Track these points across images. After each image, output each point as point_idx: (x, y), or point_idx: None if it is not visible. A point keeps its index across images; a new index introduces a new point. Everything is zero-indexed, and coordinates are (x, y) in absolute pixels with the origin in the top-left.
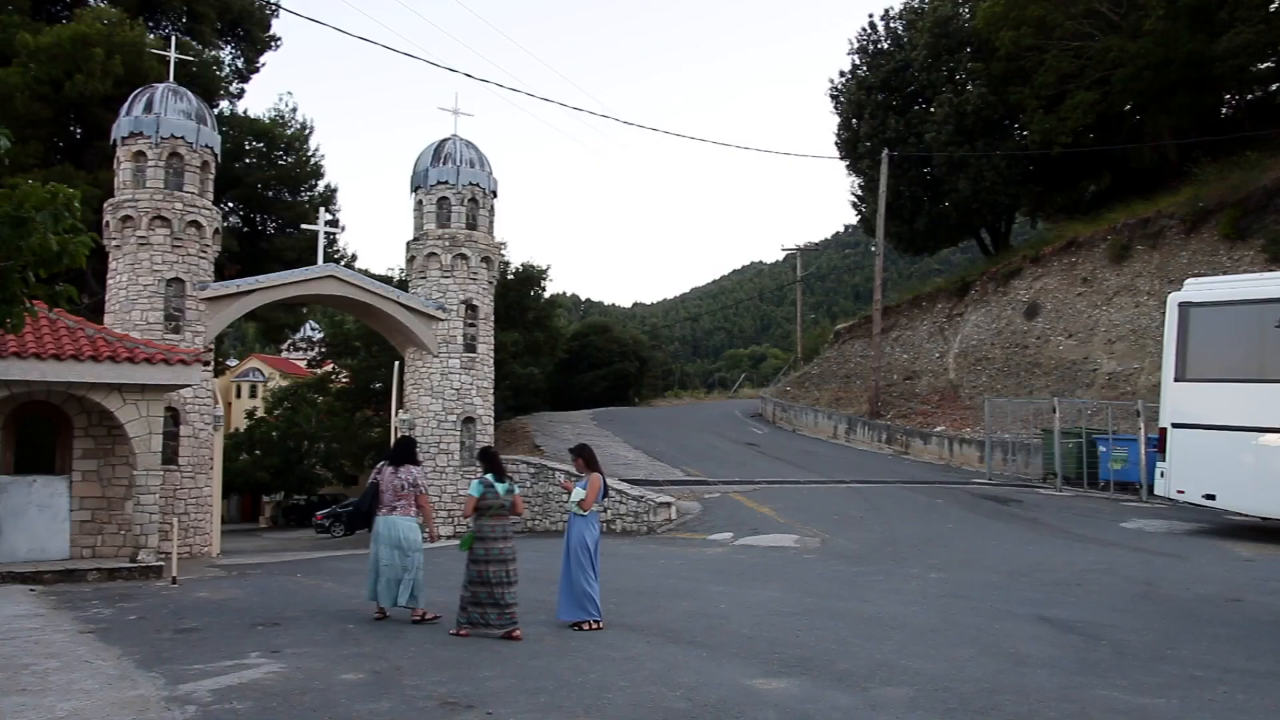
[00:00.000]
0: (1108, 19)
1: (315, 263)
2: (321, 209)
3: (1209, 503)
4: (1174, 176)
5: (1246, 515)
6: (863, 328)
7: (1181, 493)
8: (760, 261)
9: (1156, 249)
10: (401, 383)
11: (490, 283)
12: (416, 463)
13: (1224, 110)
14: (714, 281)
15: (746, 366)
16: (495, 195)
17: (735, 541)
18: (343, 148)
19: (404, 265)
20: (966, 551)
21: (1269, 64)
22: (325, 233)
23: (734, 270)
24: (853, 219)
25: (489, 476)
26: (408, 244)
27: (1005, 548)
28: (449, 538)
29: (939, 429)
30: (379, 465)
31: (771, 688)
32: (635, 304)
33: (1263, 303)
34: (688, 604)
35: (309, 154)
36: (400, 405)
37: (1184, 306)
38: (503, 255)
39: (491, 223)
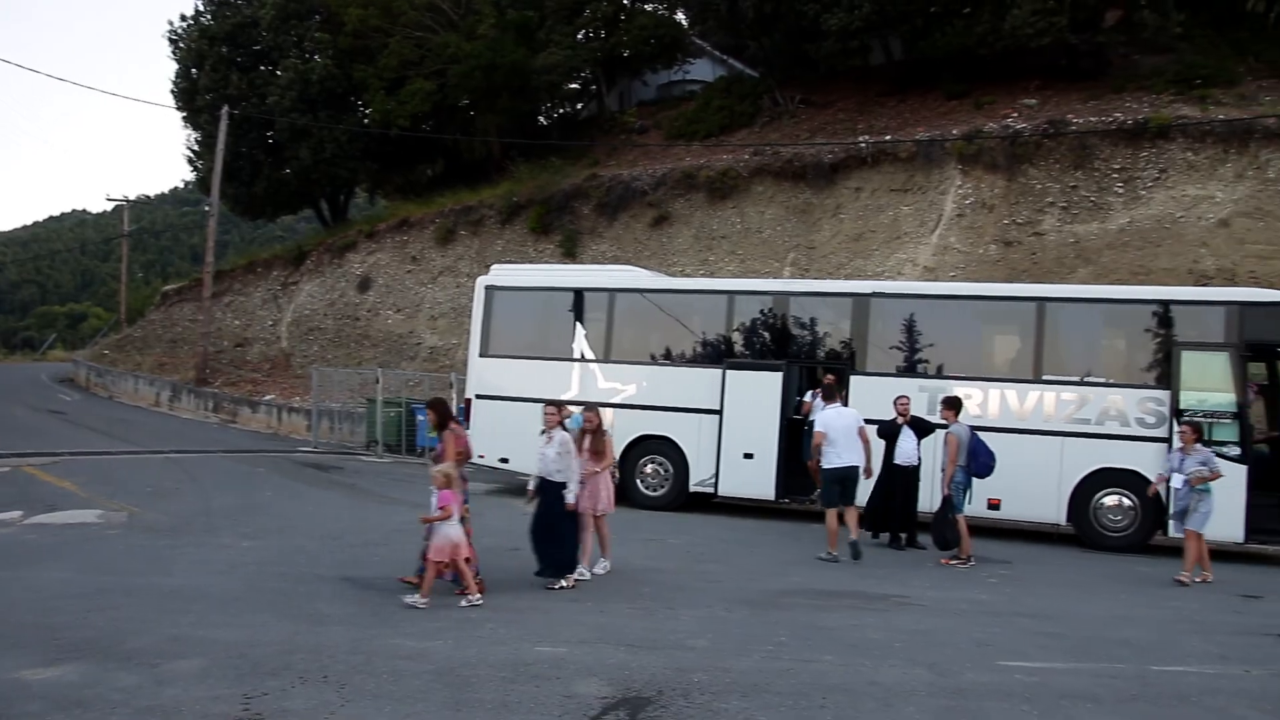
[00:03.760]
0: (448, 16)
1: None
2: None
3: (504, 465)
4: (496, 171)
5: (532, 475)
6: (193, 290)
7: (482, 457)
8: (84, 210)
9: (477, 235)
10: None
11: None
12: None
13: (540, 118)
14: (25, 228)
15: (62, 326)
16: None
17: (25, 521)
18: None
19: None
20: (283, 518)
21: (575, 85)
22: None
23: (51, 217)
24: (191, 175)
25: None
26: None
27: (322, 513)
28: None
29: (268, 397)
30: None
31: (44, 677)
32: None
33: (554, 290)
34: None
35: None
36: None
37: (489, 289)
38: None
39: None
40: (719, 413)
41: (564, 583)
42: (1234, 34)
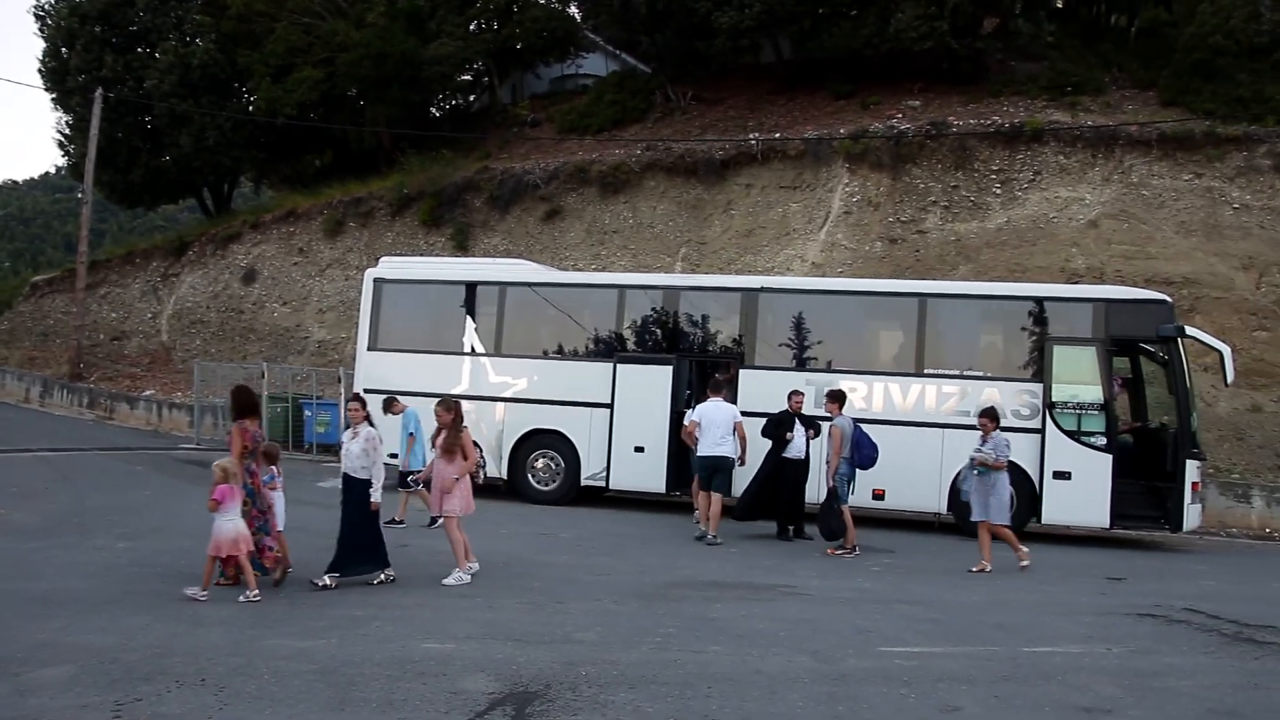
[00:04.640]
0: (337, 3)
1: None
2: None
3: (393, 460)
4: (386, 162)
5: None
6: (66, 281)
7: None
8: None
9: (367, 227)
10: None
11: None
12: None
13: (431, 110)
14: None
15: None
16: None
17: None
18: None
19: None
20: (161, 518)
21: (467, 77)
22: None
23: None
24: (63, 160)
25: None
26: None
27: (203, 512)
28: None
29: (148, 393)
30: None
31: None
32: None
33: (444, 284)
34: None
35: None
36: None
37: (378, 282)
38: None
39: None
40: (610, 406)
41: (327, 580)
42: (1099, 46)
